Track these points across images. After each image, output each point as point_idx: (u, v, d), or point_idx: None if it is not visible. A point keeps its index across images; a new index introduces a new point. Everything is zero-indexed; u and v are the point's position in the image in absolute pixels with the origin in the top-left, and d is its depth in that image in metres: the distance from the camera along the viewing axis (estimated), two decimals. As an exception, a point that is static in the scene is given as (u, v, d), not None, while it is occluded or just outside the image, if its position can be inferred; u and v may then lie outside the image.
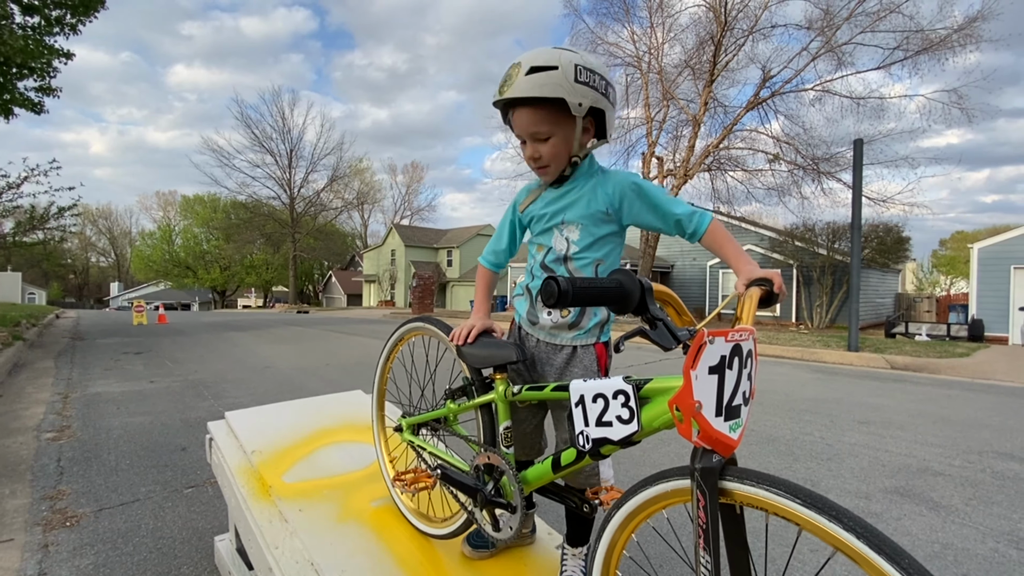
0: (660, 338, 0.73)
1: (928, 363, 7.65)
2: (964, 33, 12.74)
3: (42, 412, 4.20)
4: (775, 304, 0.96)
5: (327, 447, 1.90)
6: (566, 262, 1.25)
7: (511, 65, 1.16)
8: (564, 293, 0.67)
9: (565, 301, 0.67)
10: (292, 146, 37.95)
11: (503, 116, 1.25)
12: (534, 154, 1.20)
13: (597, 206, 1.21)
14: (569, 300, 0.67)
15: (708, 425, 0.74)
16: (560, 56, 1.11)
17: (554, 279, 0.69)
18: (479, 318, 1.35)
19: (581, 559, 1.31)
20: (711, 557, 0.77)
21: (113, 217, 65.04)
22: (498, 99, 1.17)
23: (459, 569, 1.34)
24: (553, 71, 1.09)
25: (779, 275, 0.96)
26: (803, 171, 15.03)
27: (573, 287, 0.67)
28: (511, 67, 1.15)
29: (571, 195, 1.25)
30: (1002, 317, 14.41)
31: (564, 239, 1.26)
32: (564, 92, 1.09)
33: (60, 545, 2.08)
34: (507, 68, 1.17)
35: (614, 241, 1.25)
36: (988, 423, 4.28)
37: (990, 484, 2.90)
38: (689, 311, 0.96)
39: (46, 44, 9.28)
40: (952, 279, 42.00)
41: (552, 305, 0.69)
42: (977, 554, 2.13)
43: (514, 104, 1.17)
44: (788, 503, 0.72)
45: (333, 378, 5.87)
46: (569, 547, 1.33)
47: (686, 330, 0.75)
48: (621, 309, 0.77)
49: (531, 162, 1.23)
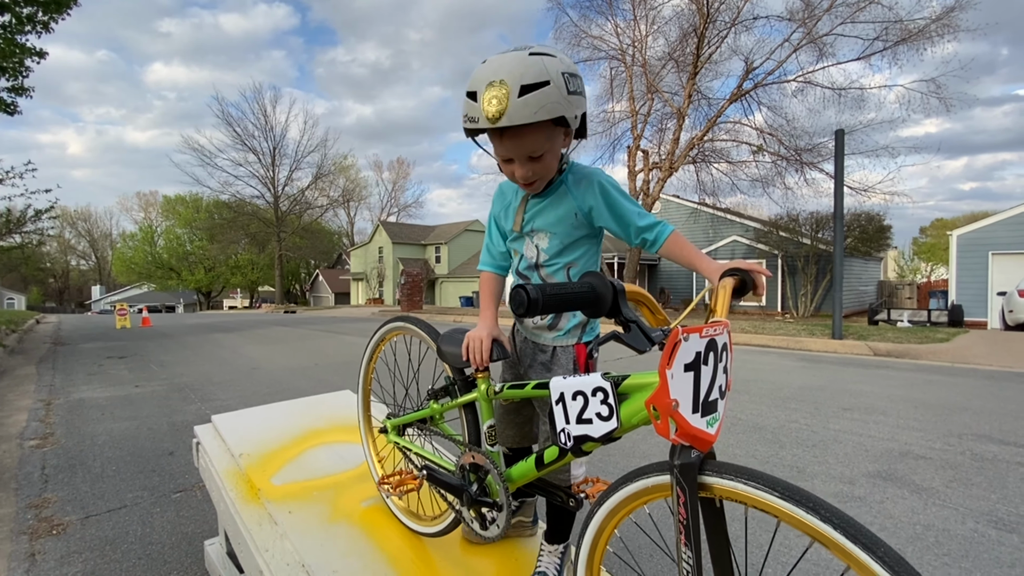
0: (634, 341, 0.73)
1: (909, 349, 7.81)
2: (942, 23, 12.92)
3: (24, 419, 4.12)
4: (750, 292, 0.97)
5: (316, 448, 1.90)
6: (538, 269, 1.26)
7: (487, 84, 1.00)
8: (534, 302, 0.67)
9: (535, 309, 0.67)
10: (275, 144, 37.42)
11: (472, 136, 1.11)
12: (528, 175, 1.12)
13: (566, 212, 1.20)
14: (539, 308, 0.67)
15: (686, 423, 0.75)
16: (546, 67, 1.00)
17: (523, 288, 0.69)
18: (487, 328, 1.24)
19: (557, 556, 1.32)
20: (692, 552, 0.78)
21: (93, 219, 63.72)
22: (490, 127, 1.03)
23: (450, 567, 1.35)
24: (546, 88, 0.99)
25: (752, 264, 0.96)
26: (786, 162, 15.18)
27: (543, 295, 0.67)
28: (491, 87, 1.00)
29: (547, 206, 1.22)
30: (981, 302, 14.74)
31: (534, 246, 1.25)
32: (562, 109, 1.02)
33: (47, 554, 2.06)
34: (479, 84, 1.01)
35: (588, 243, 1.24)
36: (968, 406, 4.39)
37: (970, 466, 2.98)
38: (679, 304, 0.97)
39: (17, 43, 9.05)
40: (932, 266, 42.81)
41: (522, 314, 0.69)
42: (957, 534, 2.19)
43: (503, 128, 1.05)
44: (766, 496, 0.73)
45: (322, 377, 5.84)
46: (546, 544, 1.34)
47: (660, 330, 0.75)
48: (594, 313, 0.77)
49: (522, 182, 1.15)
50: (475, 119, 1.04)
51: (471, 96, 1.03)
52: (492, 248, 1.37)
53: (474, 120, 1.04)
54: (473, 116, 1.04)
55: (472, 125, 1.05)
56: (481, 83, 1.01)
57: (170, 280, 44.24)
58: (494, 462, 1.18)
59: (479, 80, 1.02)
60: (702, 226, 20.74)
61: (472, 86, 1.04)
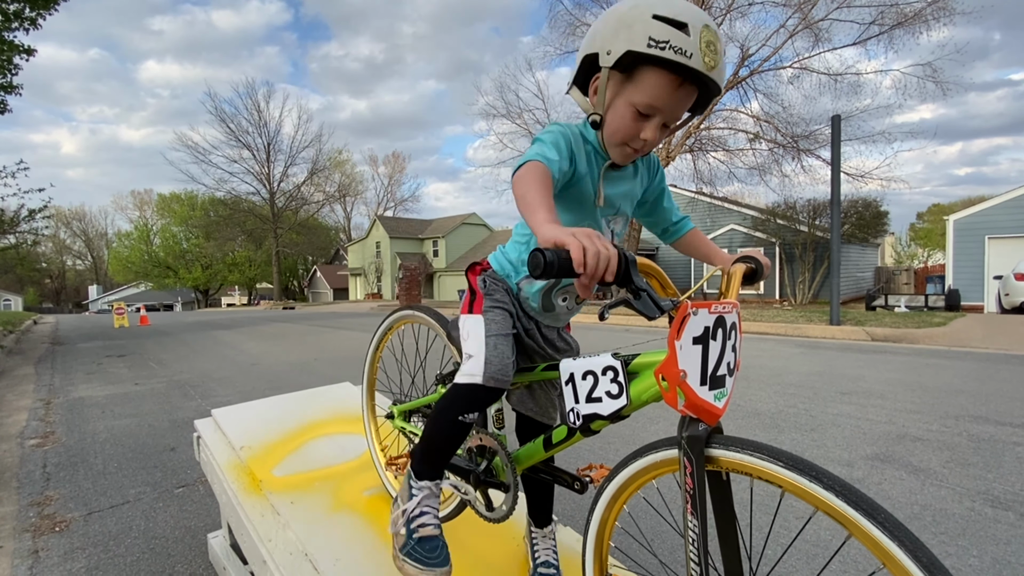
0: (644, 307, 0.73)
1: (907, 333, 7.85)
2: (937, 6, 12.88)
3: (24, 419, 4.12)
4: (759, 281, 1.00)
5: (317, 439, 1.90)
6: None
7: (704, 24, 0.85)
8: (550, 264, 0.67)
9: (551, 272, 0.68)
10: (269, 140, 37.16)
11: (641, 62, 0.88)
12: (654, 142, 0.96)
13: (632, 191, 1.12)
14: (555, 271, 0.68)
15: (693, 393, 0.76)
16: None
17: (540, 251, 0.68)
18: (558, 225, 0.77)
19: (552, 539, 1.31)
20: (698, 521, 0.79)
21: (87, 219, 63.43)
22: (705, 73, 0.85)
23: (455, 551, 1.36)
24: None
25: (762, 253, 1.00)
26: (783, 149, 15.18)
27: (558, 259, 0.67)
28: (707, 30, 0.85)
29: (625, 183, 1.09)
30: (977, 286, 14.80)
31: (609, 231, 1.12)
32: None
33: (51, 550, 2.06)
34: (693, 18, 0.84)
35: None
36: (964, 388, 4.42)
37: (966, 447, 3.00)
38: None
39: (5, 40, 8.94)
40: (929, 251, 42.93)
41: (538, 276, 0.68)
42: (954, 513, 2.21)
43: (681, 72, 0.86)
44: (771, 467, 0.73)
45: (322, 372, 5.84)
46: (537, 529, 1.32)
47: (669, 300, 0.76)
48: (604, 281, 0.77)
49: (638, 148, 0.98)
50: (687, 53, 0.83)
51: (675, 25, 0.83)
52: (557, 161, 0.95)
53: (684, 53, 0.83)
54: (684, 48, 0.83)
55: (679, 57, 0.83)
56: (696, 19, 0.85)
57: (167, 279, 44.08)
58: (501, 444, 1.18)
59: (688, 12, 0.85)
60: (700, 215, 20.74)
61: (676, 14, 0.84)
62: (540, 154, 0.92)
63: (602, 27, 0.91)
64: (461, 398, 1.08)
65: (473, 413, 1.09)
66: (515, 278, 1.17)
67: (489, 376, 1.03)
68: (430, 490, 1.12)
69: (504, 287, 1.17)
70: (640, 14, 0.85)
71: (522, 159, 0.92)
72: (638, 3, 0.86)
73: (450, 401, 1.10)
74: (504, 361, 1.05)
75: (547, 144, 0.95)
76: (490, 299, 1.14)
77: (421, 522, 1.07)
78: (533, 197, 0.82)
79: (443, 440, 1.12)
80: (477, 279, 1.20)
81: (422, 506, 1.09)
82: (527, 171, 0.88)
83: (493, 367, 1.03)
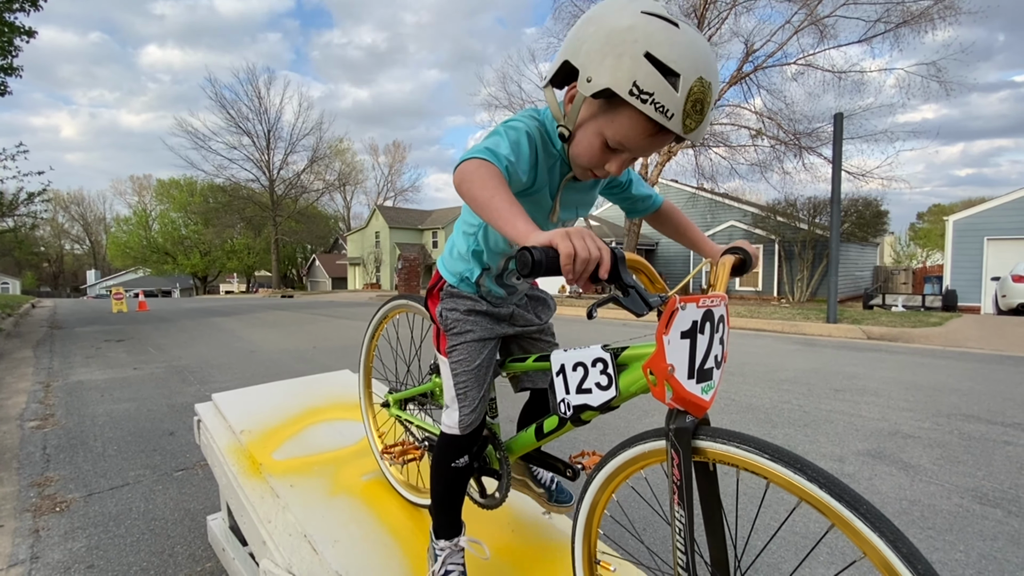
0: (632, 304, 0.75)
1: (903, 333, 7.89)
2: (943, 5, 12.80)
3: (24, 401, 4.14)
4: (748, 272, 1.02)
5: (316, 425, 1.93)
6: None
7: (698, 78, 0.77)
8: (538, 264, 0.68)
9: (539, 271, 0.69)
10: (270, 127, 36.93)
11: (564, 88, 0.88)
12: (621, 172, 0.93)
13: (596, 190, 1.12)
14: (543, 271, 0.69)
15: (681, 387, 0.78)
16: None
17: (528, 250, 0.68)
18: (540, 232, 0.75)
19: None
20: (685, 511, 0.81)
21: (86, 203, 63.22)
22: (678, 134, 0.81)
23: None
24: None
25: (750, 244, 1.02)
26: (785, 146, 15.13)
27: (546, 258, 0.69)
28: (700, 85, 0.77)
29: (584, 192, 1.07)
30: (975, 287, 14.85)
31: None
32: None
33: (51, 530, 2.09)
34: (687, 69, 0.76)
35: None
36: (957, 388, 4.46)
37: (957, 445, 3.04)
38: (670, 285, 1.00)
39: (5, 20, 8.87)
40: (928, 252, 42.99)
41: (527, 274, 0.69)
42: (943, 509, 2.25)
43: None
44: (756, 458, 0.76)
45: (321, 360, 5.87)
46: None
47: (658, 296, 0.77)
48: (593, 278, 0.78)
49: (603, 174, 0.94)
50: (668, 113, 0.77)
51: (666, 72, 0.75)
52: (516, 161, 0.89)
53: (665, 113, 0.77)
54: (666, 108, 0.76)
55: (658, 116, 0.77)
56: (691, 69, 0.76)
57: (166, 265, 44.01)
58: (495, 433, 1.21)
59: (685, 59, 0.76)
60: (700, 211, 20.73)
61: (672, 60, 0.75)
62: (493, 153, 0.85)
63: (590, 40, 0.80)
64: (446, 447, 1.18)
65: (463, 458, 1.18)
66: (474, 274, 1.13)
67: (465, 426, 1.14)
68: (451, 548, 1.19)
69: (467, 297, 1.16)
70: (633, 46, 0.76)
71: (473, 151, 0.85)
72: (635, 26, 0.76)
73: (440, 452, 1.20)
74: (474, 405, 1.14)
75: (506, 143, 0.89)
76: (453, 335, 1.15)
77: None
78: (501, 205, 0.77)
79: (446, 490, 1.20)
80: (436, 310, 1.18)
81: (446, 565, 1.17)
82: (481, 171, 0.82)
83: (466, 417, 1.14)
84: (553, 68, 0.88)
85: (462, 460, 1.17)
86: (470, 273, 1.13)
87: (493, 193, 0.79)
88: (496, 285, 1.15)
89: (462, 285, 1.16)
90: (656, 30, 0.76)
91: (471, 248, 1.11)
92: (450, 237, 1.20)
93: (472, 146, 0.88)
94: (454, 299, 1.16)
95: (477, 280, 1.14)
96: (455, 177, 0.83)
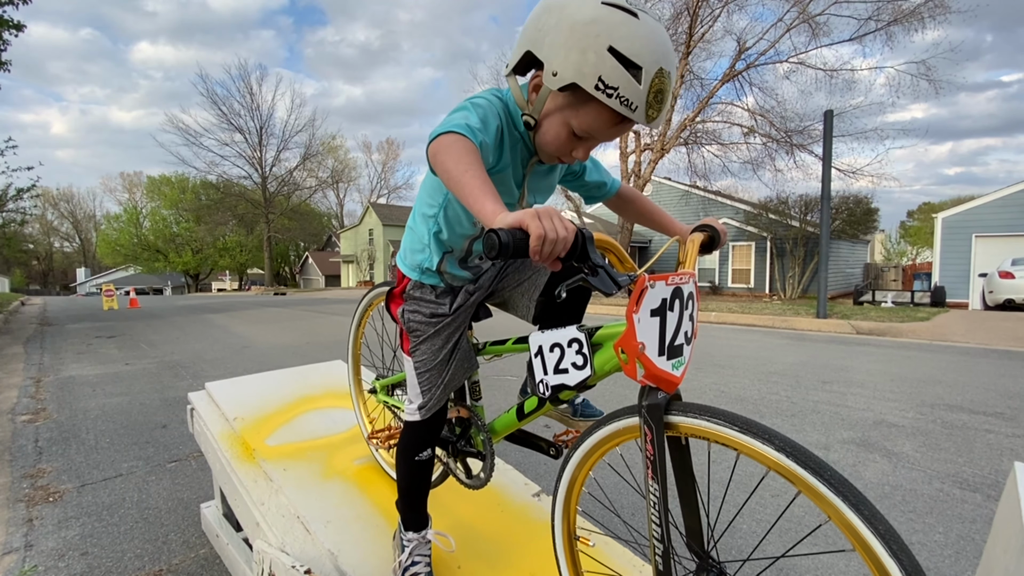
0: (601, 284, 0.76)
1: (891, 327, 8.00)
2: (933, 3, 12.92)
3: (15, 396, 4.14)
4: (717, 249, 1.05)
5: (309, 413, 1.95)
6: None
7: (658, 68, 0.79)
8: (505, 245, 0.69)
9: (507, 253, 0.70)
10: (262, 123, 36.60)
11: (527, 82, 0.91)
12: (587, 158, 0.97)
13: (557, 175, 1.15)
14: (511, 253, 0.70)
15: (652, 364, 0.80)
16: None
17: (495, 232, 0.68)
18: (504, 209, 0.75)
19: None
20: (659, 485, 0.84)
21: (75, 200, 62.44)
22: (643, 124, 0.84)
23: (439, 517, 1.42)
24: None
25: (719, 221, 1.05)
26: (777, 144, 15.23)
27: (514, 239, 0.69)
28: (660, 76, 0.80)
29: (549, 176, 1.10)
30: (963, 283, 15.04)
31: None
32: None
33: (44, 519, 2.11)
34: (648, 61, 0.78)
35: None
36: (942, 379, 4.54)
37: (939, 433, 3.11)
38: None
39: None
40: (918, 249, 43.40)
41: (494, 257, 0.68)
42: (923, 494, 2.31)
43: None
44: (727, 431, 0.79)
45: (314, 356, 5.87)
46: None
47: (627, 276, 0.79)
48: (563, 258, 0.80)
49: (570, 159, 0.96)
50: (632, 105, 0.80)
51: (629, 66, 0.78)
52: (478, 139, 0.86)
53: (629, 106, 0.80)
54: (630, 101, 0.79)
55: (623, 109, 0.80)
56: (652, 61, 0.78)
57: (157, 262, 43.61)
58: (478, 416, 1.24)
59: (646, 51, 0.78)
60: (693, 208, 20.82)
61: (634, 53, 0.78)
62: (469, 128, 0.84)
63: (552, 32, 0.81)
64: (409, 436, 1.22)
65: (426, 451, 1.21)
66: (434, 261, 1.11)
67: (427, 411, 1.19)
68: (419, 540, 1.21)
69: (429, 301, 1.16)
70: (596, 40, 0.77)
71: (447, 125, 0.84)
72: (597, 19, 0.78)
73: (404, 443, 1.23)
74: (436, 394, 1.18)
75: (475, 119, 0.88)
76: (415, 335, 1.17)
77: (413, 572, 1.17)
78: (473, 182, 0.76)
79: (411, 482, 1.22)
80: (399, 311, 1.19)
81: (413, 556, 1.19)
82: (457, 145, 0.80)
83: (428, 405, 1.18)
84: (515, 58, 0.89)
85: (425, 453, 1.21)
86: (430, 262, 1.11)
87: (467, 168, 0.78)
88: (460, 269, 1.15)
89: (424, 277, 1.14)
90: (618, 23, 0.78)
91: (431, 231, 1.09)
92: (407, 227, 1.18)
93: (445, 119, 0.88)
94: (416, 302, 1.16)
95: (439, 267, 1.12)
96: (430, 148, 0.83)
